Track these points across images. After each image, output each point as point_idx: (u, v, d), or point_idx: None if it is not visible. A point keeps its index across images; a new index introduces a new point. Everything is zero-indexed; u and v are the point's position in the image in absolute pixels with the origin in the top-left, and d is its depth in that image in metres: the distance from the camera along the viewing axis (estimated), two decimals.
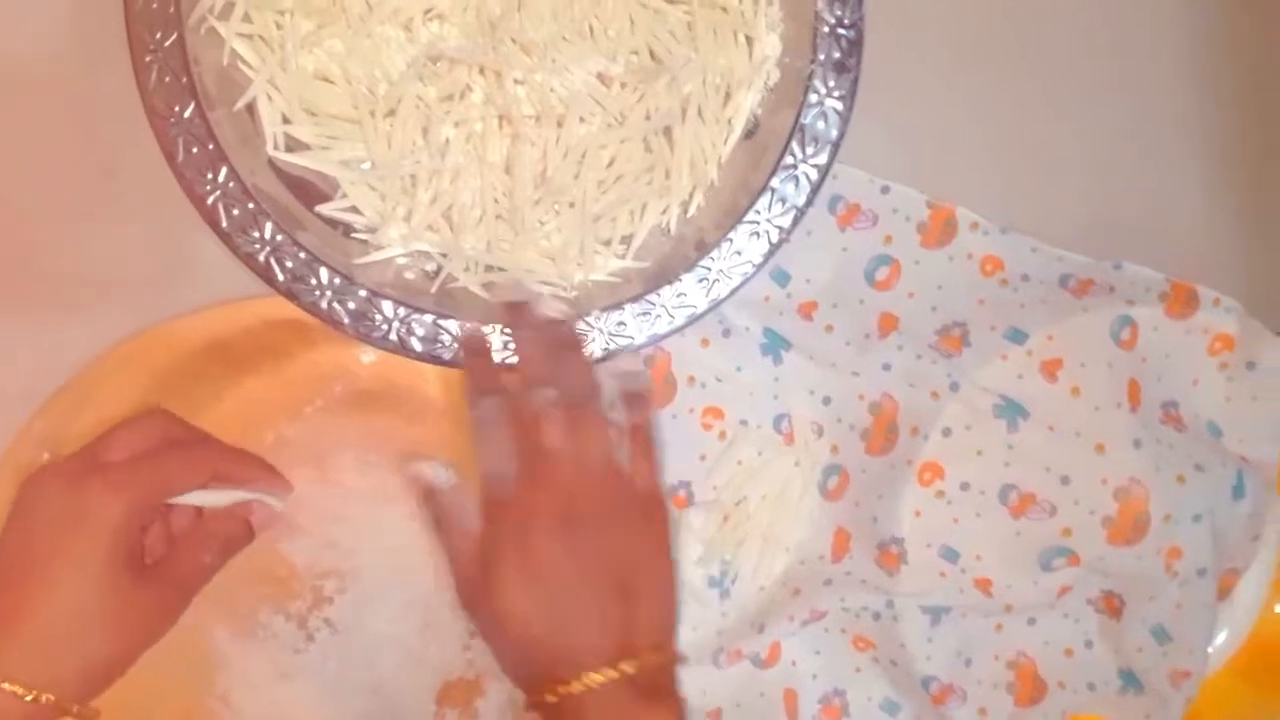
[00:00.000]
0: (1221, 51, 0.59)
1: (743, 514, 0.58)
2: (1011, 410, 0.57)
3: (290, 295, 0.49)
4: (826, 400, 0.58)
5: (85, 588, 0.44)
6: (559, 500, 0.45)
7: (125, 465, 0.47)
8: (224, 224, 0.48)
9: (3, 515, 0.48)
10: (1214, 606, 0.58)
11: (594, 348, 0.50)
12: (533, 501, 0.45)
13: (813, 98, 0.50)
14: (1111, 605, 0.59)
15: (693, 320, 0.50)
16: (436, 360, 0.49)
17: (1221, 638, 0.60)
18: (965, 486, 0.58)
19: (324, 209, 0.51)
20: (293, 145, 0.51)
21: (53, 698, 0.44)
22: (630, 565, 0.46)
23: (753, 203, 0.50)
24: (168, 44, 0.47)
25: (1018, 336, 0.57)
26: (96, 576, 0.45)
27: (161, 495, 0.47)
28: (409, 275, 0.52)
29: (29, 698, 0.43)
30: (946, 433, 0.57)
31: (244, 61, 0.50)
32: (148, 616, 0.47)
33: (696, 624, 0.58)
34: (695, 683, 0.58)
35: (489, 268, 0.52)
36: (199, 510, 0.51)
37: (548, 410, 0.46)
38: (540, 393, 0.47)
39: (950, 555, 0.58)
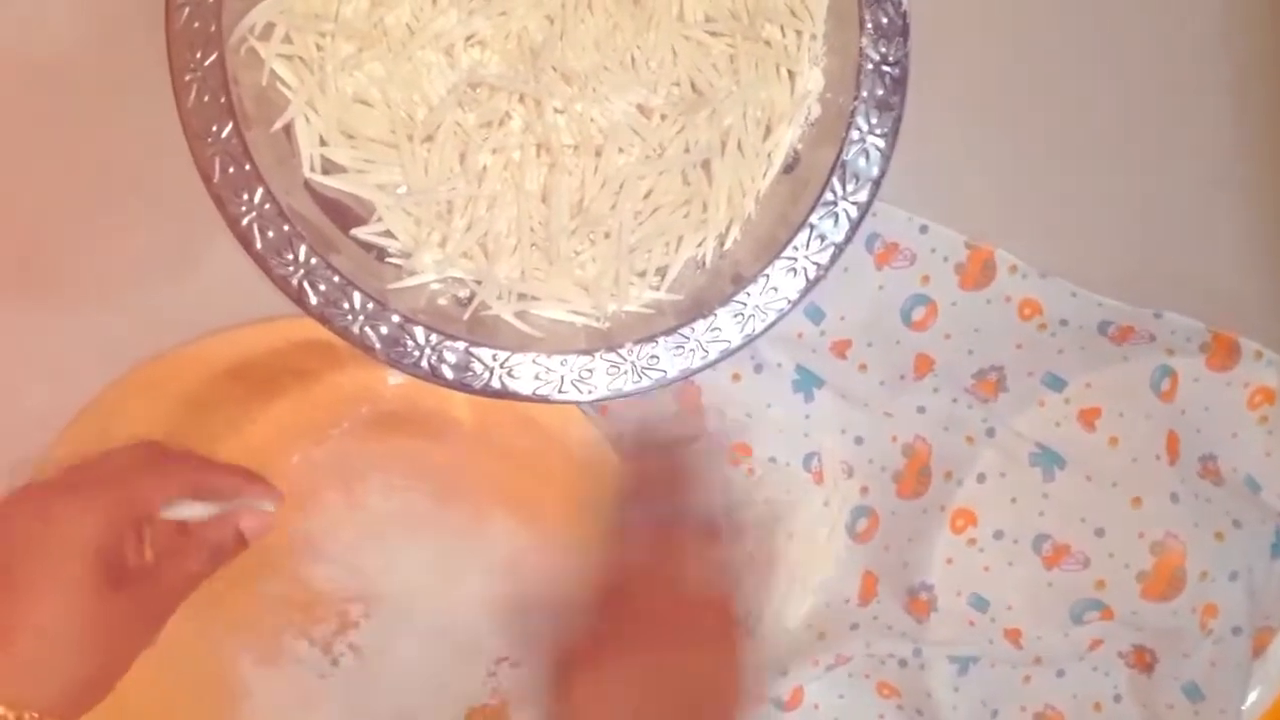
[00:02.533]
0: (1267, 100, 0.59)
1: (769, 553, 0.58)
2: (1048, 459, 0.57)
3: (323, 319, 0.48)
4: (858, 440, 0.58)
5: (61, 605, 0.44)
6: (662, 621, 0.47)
7: (95, 481, 0.47)
8: (258, 245, 0.47)
9: None
10: (1248, 665, 0.58)
11: (627, 381, 0.49)
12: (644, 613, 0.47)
13: (854, 134, 0.49)
14: (1143, 660, 0.58)
15: (726, 355, 0.49)
16: (467, 389, 0.49)
17: (1253, 696, 0.59)
18: (999, 534, 0.57)
19: (359, 233, 0.50)
20: (329, 168, 0.50)
21: (35, 716, 0.43)
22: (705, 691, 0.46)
23: (791, 238, 0.49)
24: (207, 63, 0.46)
25: (1056, 383, 0.57)
26: (72, 593, 0.44)
27: (134, 509, 0.47)
28: (442, 301, 0.51)
29: (12, 717, 0.43)
30: (981, 479, 0.57)
31: (283, 82, 0.49)
32: (129, 628, 0.47)
33: None
34: None
35: (522, 296, 0.51)
36: (184, 524, 0.50)
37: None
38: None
39: (980, 604, 0.57)
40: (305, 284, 0.48)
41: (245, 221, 0.47)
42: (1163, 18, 0.58)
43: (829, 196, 0.49)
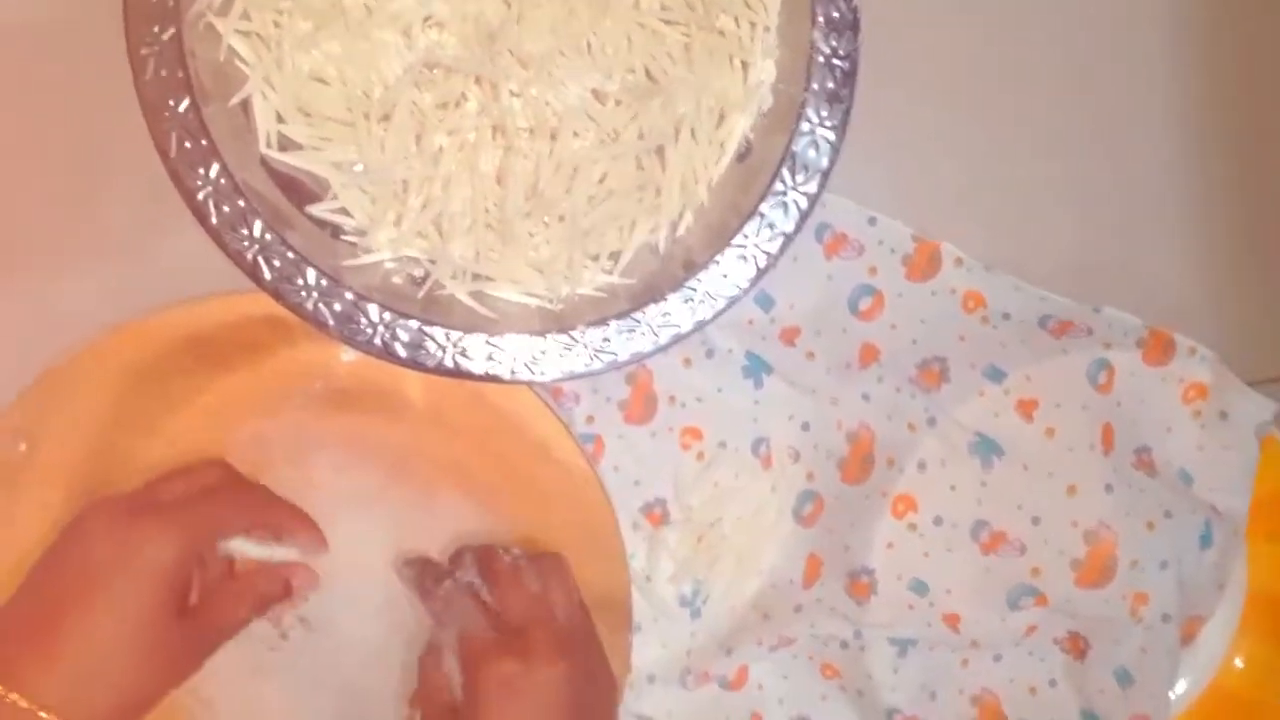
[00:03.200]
0: (1207, 98, 0.60)
1: (717, 535, 0.58)
2: (987, 448, 0.57)
3: (276, 295, 0.48)
4: (805, 426, 0.58)
5: (129, 623, 0.45)
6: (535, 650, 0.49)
7: (181, 503, 0.48)
8: (213, 220, 0.47)
9: None
10: (1177, 653, 0.59)
11: (578, 362, 0.50)
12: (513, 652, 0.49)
13: (805, 126, 0.50)
14: (1076, 646, 0.59)
15: (677, 340, 0.50)
16: (420, 367, 0.49)
17: (1182, 685, 0.60)
18: (938, 521, 0.58)
19: (314, 209, 0.50)
20: (285, 144, 0.50)
21: None
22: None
23: (741, 226, 0.50)
24: (165, 38, 0.46)
25: (996, 375, 0.58)
26: (141, 613, 0.45)
27: (213, 536, 0.48)
28: (396, 280, 0.51)
29: None
30: (922, 466, 0.58)
31: (240, 59, 0.49)
32: (178, 659, 0.47)
33: (666, 641, 0.58)
34: (662, 703, 0.58)
35: (476, 276, 0.51)
36: (231, 563, 0.51)
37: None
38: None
39: (920, 588, 0.58)
40: (260, 259, 0.48)
41: (201, 196, 0.47)
42: (1109, 13, 0.59)
43: (779, 186, 0.50)
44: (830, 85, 0.50)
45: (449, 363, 0.49)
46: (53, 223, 0.55)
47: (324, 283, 0.48)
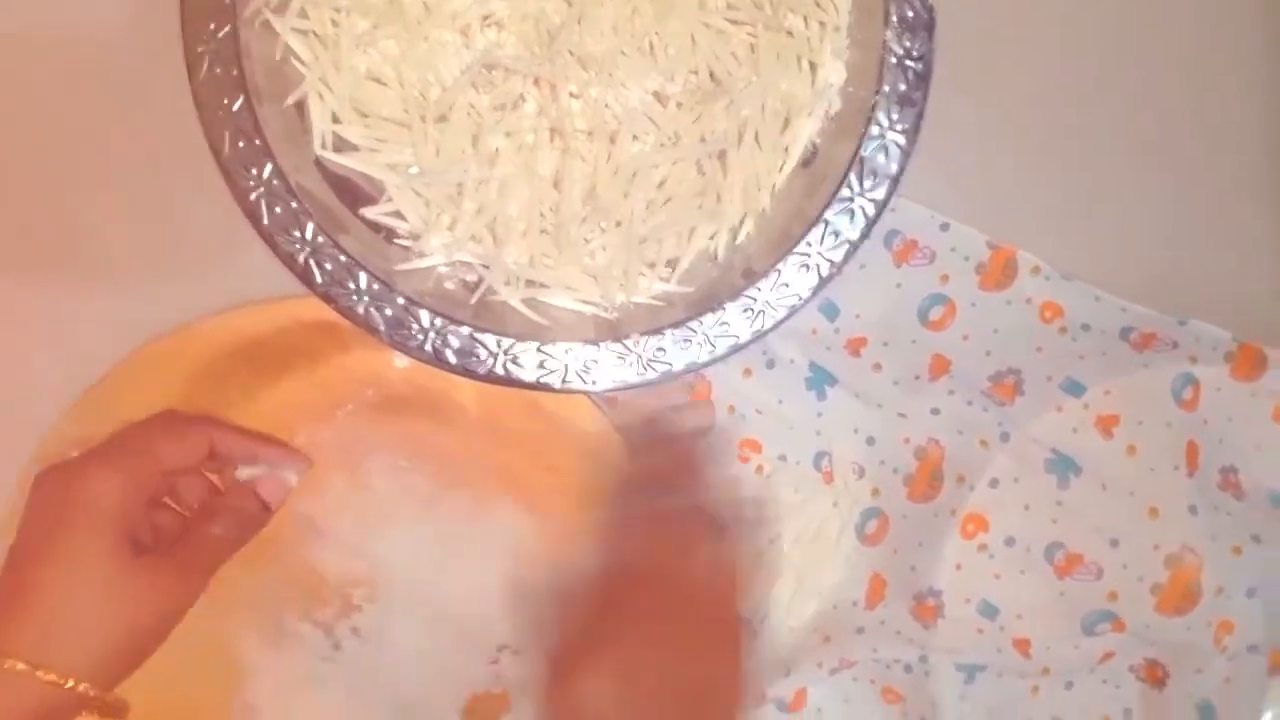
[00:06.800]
0: None
1: (776, 552, 0.57)
2: (1063, 465, 0.56)
3: (328, 298, 0.48)
4: (870, 441, 0.57)
5: (89, 566, 0.45)
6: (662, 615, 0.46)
7: (117, 449, 0.48)
8: (265, 221, 0.47)
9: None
10: (1264, 684, 0.56)
11: (631, 372, 0.48)
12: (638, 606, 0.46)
13: (874, 130, 0.48)
14: (1154, 675, 0.56)
15: (734, 350, 0.49)
16: (470, 374, 0.48)
17: (1269, 716, 0.57)
18: (1010, 541, 0.56)
19: (368, 212, 0.50)
20: (340, 145, 0.50)
21: (85, 686, 0.44)
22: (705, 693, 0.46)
23: (805, 234, 0.48)
24: (221, 35, 0.46)
25: (1074, 388, 0.56)
26: (99, 554, 0.45)
27: (155, 474, 0.48)
28: (449, 285, 0.51)
29: (49, 679, 0.43)
30: (994, 484, 0.56)
31: (297, 58, 0.49)
32: (160, 594, 0.47)
33: None
34: None
35: (530, 283, 0.50)
36: (212, 486, 0.51)
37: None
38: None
39: (989, 611, 0.56)
40: (311, 262, 0.47)
41: (253, 197, 0.47)
42: (1197, 15, 0.57)
43: (846, 192, 0.49)
44: (902, 87, 0.48)
45: (500, 370, 0.48)
46: (111, 225, 0.55)
47: (375, 287, 0.48)
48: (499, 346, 0.48)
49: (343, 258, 0.47)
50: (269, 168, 0.47)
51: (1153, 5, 0.57)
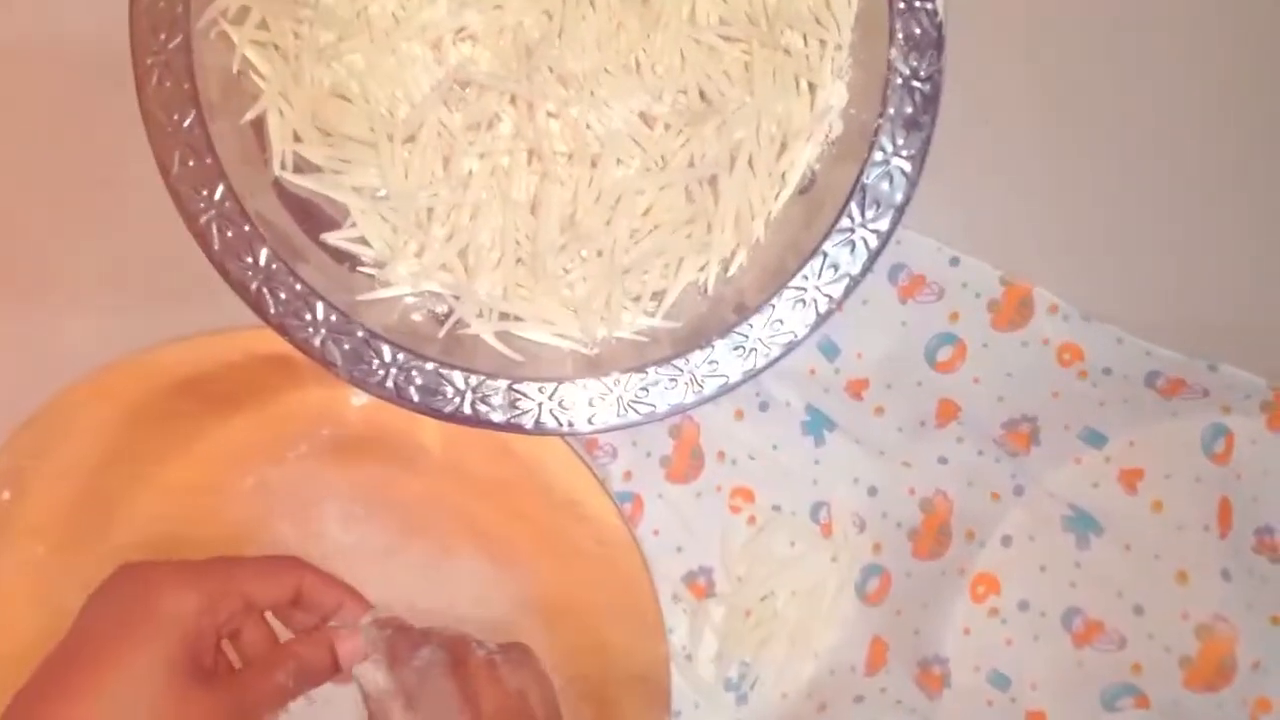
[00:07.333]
0: None
1: (769, 611, 0.55)
2: (1083, 523, 0.53)
3: (282, 330, 0.45)
4: (872, 491, 0.55)
5: (144, 680, 0.42)
6: None
7: (202, 562, 0.45)
8: (216, 246, 0.44)
9: None
10: None
11: (611, 414, 0.45)
12: None
13: (878, 155, 0.46)
14: None
15: (724, 391, 0.46)
16: (435, 413, 0.45)
17: None
18: (1024, 605, 0.54)
19: (329, 238, 0.47)
20: (301, 166, 0.47)
21: None
22: None
23: (801, 267, 0.45)
24: (172, 46, 0.44)
25: (1095, 439, 0.54)
26: (157, 671, 0.42)
27: (237, 598, 0.46)
28: (416, 317, 0.48)
29: None
30: (1007, 541, 0.54)
31: (255, 71, 0.46)
32: None
33: None
34: None
35: (504, 315, 0.48)
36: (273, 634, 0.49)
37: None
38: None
39: (1000, 682, 0.54)
40: (265, 290, 0.45)
41: (204, 220, 0.44)
42: (1222, 43, 0.56)
43: (846, 223, 0.46)
44: (908, 110, 0.46)
45: (467, 409, 0.45)
46: (60, 246, 0.54)
47: (334, 318, 0.45)
48: (467, 384, 0.45)
49: (299, 286, 0.45)
50: (220, 189, 0.44)
51: (1178, 30, 0.56)
